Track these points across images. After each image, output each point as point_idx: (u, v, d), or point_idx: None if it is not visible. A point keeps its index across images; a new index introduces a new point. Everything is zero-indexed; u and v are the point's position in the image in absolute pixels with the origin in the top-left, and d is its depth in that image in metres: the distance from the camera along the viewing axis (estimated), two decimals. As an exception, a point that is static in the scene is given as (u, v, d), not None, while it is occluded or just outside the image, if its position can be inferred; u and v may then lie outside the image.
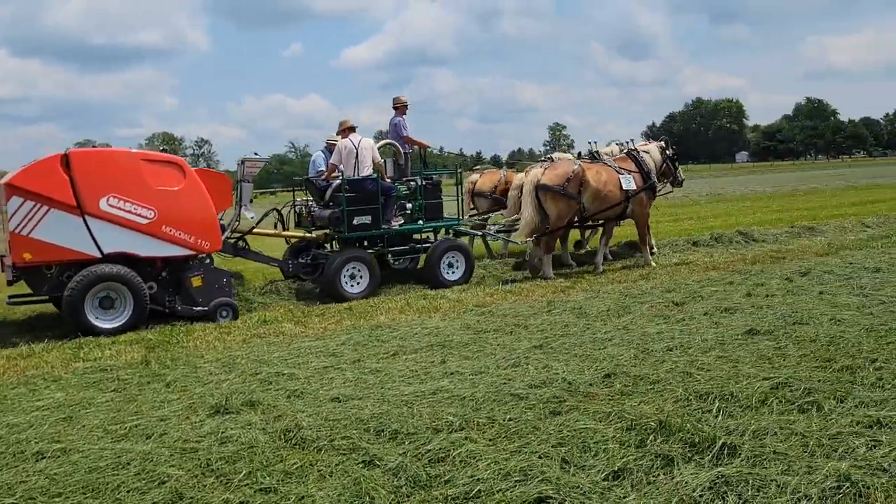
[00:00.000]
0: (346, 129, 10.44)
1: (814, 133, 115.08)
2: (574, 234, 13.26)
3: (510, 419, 4.65)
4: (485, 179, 13.03)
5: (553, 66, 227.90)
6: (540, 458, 3.99)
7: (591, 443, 4.15)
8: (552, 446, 4.15)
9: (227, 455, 4.31)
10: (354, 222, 9.99)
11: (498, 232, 12.01)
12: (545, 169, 10.84)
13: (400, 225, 10.64)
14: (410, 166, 11.81)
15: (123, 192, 8.36)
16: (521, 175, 11.83)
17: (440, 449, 4.20)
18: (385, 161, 11.34)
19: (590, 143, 12.50)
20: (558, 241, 11.70)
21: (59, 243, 8.13)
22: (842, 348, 5.81)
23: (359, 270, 9.95)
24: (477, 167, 16.56)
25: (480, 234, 12.25)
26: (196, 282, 8.84)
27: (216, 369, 6.39)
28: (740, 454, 3.87)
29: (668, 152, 12.20)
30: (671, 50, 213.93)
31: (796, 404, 4.60)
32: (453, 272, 10.61)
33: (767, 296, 8.18)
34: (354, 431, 4.56)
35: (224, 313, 8.87)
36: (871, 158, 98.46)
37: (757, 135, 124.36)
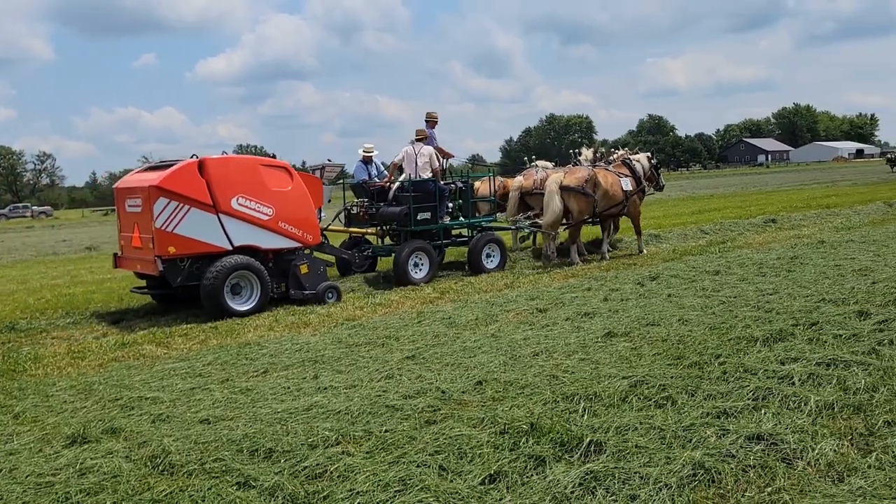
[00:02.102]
0: (418, 139, 12.10)
1: (655, 147, 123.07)
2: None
3: (386, 430, 4.67)
4: (485, 185, 14.02)
5: (414, 81, 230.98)
6: (418, 466, 4.04)
7: (466, 449, 4.25)
8: (429, 455, 4.21)
9: (88, 487, 4.05)
10: (418, 218, 11.48)
11: (530, 225, 13.46)
12: (565, 173, 12.54)
13: (449, 220, 12.26)
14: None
15: (249, 193, 9.58)
16: (518, 178, 13.98)
17: (317, 465, 4.17)
18: None
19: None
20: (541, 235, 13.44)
21: (198, 238, 9.24)
22: (690, 346, 6.27)
23: (421, 259, 11.45)
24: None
25: (514, 228, 13.72)
26: (304, 269, 10.06)
27: (71, 397, 5.99)
28: (606, 450, 4.10)
29: (652, 161, 14.22)
30: (525, 68, 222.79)
31: (653, 400, 4.93)
32: (491, 261, 12.17)
33: (622, 300, 8.69)
34: (226, 453, 4.42)
35: (330, 295, 10.05)
36: (706, 171, 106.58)
37: (605, 148, 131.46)
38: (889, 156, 57.18)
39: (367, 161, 13.10)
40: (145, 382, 6.27)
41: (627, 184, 13.07)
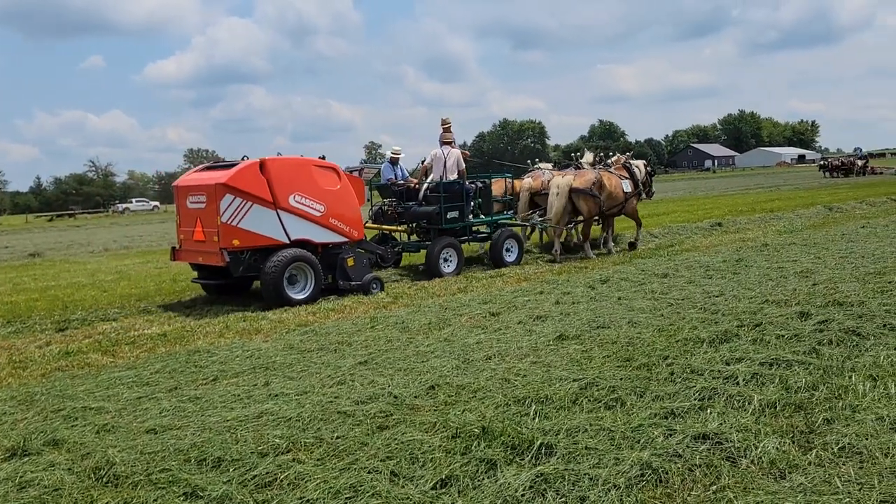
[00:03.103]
0: (446, 143, 12.93)
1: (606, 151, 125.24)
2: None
3: (338, 437, 4.64)
4: (496, 186, 14.61)
5: (367, 86, 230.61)
6: (369, 473, 4.03)
7: (418, 454, 4.24)
8: (381, 460, 4.19)
9: (28, 501, 3.94)
10: (448, 216, 12.43)
11: (534, 224, 14.50)
12: (574, 176, 13.50)
13: (472, 218, 13.10)
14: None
15: (304, 191, 10.35)
16: (527, 180, 14.88)
17: (267, 473, 4.11)
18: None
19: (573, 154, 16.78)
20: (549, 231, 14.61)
21: (260, 231, 10.00)
22: (639, 348, 6.38)
23: (450, 255, 12.28)
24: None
25: (528, 224, 14.53)
26: (350, 262, 10.83)
27: (11, 408, 5.78)
28: (556, 452, 4.14)
29: (648, 168, 15.44)
30: (478, 73, 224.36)
31: (603, 402, 4.99)
32: (510, 255, 13.12)
33: (573, 303, 8.79)
34: (174, 463, 4.34)
35: (374, 286, 10.81)
36: (655, 175, 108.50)
37: (558, 154, 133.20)
38: (822, 162, 59.42)
39: (393, 162, 13.74)
40: (90, 392, 6.11)
41: (627, 185, 14.15)
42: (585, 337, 6.96)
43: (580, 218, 14.13)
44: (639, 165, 15.06)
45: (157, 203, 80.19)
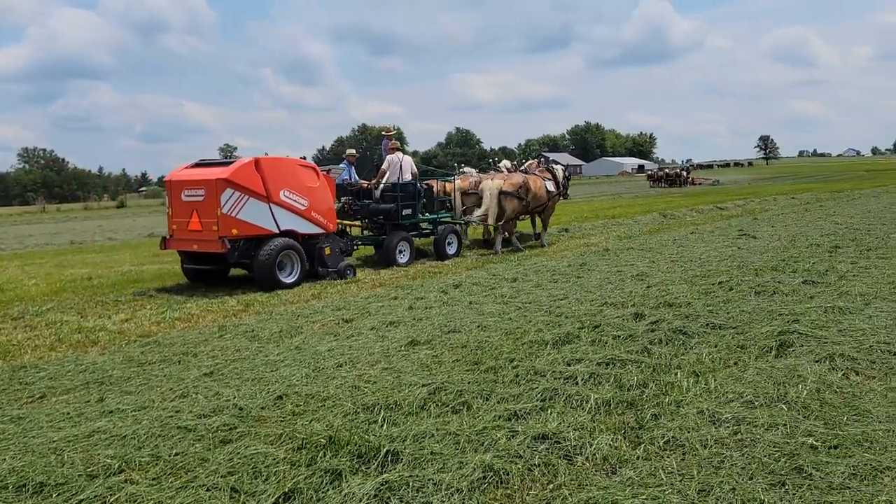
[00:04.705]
0: (393, 148, 14.66)
1: (462, 159, 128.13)
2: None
3: (176, 454, 4.43)
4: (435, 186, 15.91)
5: (223, 87, 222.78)
6: (208, 490, 3.87)
7: (261, 467, 4.14)
8: (221, 476, 4.04)
9: None
10: (403, 213, 13.83)
11: (469, 221, 15.74)
12: (504, 180, 15.12)
13: (422, 215, 14.46)
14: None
15: (291, 187, 11.58)
16: (457, 182, 16.02)
17: (95, 497, 3.86)
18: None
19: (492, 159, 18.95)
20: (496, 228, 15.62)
21: (254, 222, 11.07)
22: (487, 351, 6.55)
23: (404, 247, 13.68)
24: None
25: (462, 222, 15.75)
26: (327, 251, 12.09)
27: None
28: (402, 459, 4.17)
29: (566, 174, 17.21)
30: (336, 77, 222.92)
31: (450, 406, 5.08)
32: (451, 248, 14.64)
33: (426, 308, 8.90)
34: (-11, 491, 3.97)
35: (349, 272, 12.14)
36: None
37: (416, 160, 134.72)
38: (649, 173, 64.51)
39: (350, 164, 15.34)
40: None
41: (550, 186, 15.89)
42: (436, 342, 7.06)
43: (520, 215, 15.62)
44: (558, 170, 16.97)
45: (-17, 204, 73.34)
